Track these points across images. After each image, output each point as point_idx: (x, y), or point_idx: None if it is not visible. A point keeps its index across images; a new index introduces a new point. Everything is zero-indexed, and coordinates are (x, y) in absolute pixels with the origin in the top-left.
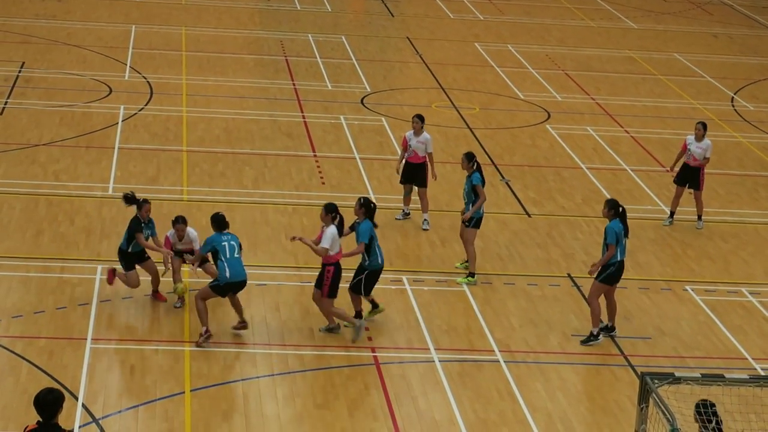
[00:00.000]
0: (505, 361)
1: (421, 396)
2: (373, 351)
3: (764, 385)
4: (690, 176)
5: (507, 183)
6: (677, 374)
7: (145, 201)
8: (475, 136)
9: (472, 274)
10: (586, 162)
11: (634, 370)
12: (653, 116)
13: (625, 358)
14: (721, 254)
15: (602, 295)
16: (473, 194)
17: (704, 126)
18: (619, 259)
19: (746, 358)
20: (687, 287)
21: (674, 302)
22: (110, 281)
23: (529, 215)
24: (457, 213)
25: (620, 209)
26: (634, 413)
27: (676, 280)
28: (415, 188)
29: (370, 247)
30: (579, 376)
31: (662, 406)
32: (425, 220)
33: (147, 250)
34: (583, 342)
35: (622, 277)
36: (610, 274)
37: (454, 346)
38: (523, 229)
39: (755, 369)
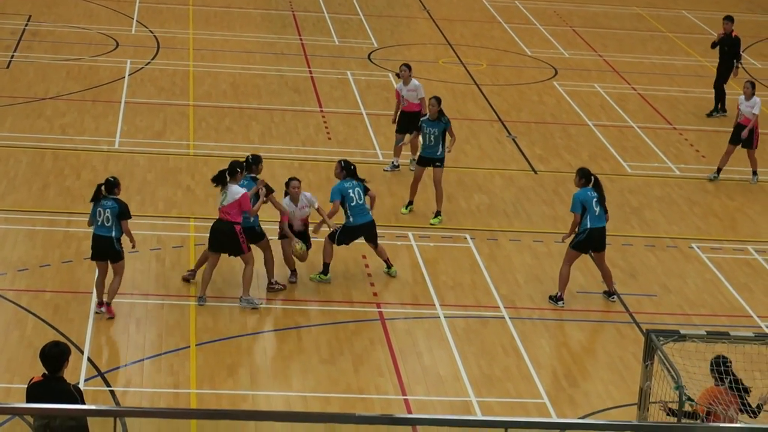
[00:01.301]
0: (510, 318)
1: (426, 352)
2: (379, 306)
3: None
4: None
5: (513, 139)
6: (682, 332)
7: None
8: (482, 93)
9: (439, 213)
10: (593, 119)
11: (639, 328)
12: (661, 73)
13: (631, 315)
14: (727, 212)
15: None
16: (442, 137)
17: (752, 85)
18: (588, 226)
19: (751, 316)
20: (693, 245)
21: (680, 260)
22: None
23: (535, 172)
24: (464, 169)
25: (592, 178)
26: (639, 370)
27: (682, 238)
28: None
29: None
30: (584, 333)
31: (667, 364)
32: (413, 159)
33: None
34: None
35: (641, 234)
36: (579, 241)
37: (459, 302)
38: (529, 186)
39: (760, 327)
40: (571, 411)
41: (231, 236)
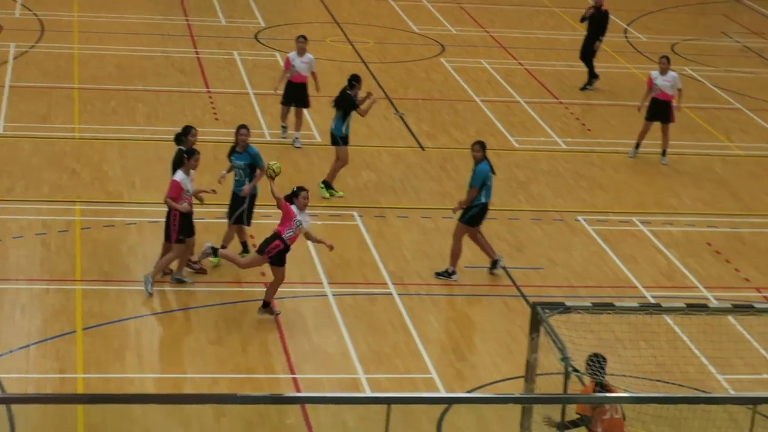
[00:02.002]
0: (398, 294)
1: (314, 330)
2: (266, 286)
3: (653, 312)
4: (660, 110)
5: (401, 116)
6: (567, 303)
7: None
8: (369, 70)
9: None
10: (480, 95)
11: (527, 300)
12: (547, 48)
13: (518, 288)
14: (613, 184)
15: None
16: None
17: (668, 59)
18: (483, 201)
19: (636, 287)
20: (579, 217)
21: (566, 232)
22: None
23: (423, 148)
24: (351, 147)
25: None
26: (526, 343)
27: (568, 211)
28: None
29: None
30: (472, 307)
31: (553, 336)
32: (297, 138)
33: None
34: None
35: (527, 208)
36: (472, 215)
37: (347, 279)
38: (417, 162)
39: (645, 297)
40: (459, 385)
41: (166, 219)
